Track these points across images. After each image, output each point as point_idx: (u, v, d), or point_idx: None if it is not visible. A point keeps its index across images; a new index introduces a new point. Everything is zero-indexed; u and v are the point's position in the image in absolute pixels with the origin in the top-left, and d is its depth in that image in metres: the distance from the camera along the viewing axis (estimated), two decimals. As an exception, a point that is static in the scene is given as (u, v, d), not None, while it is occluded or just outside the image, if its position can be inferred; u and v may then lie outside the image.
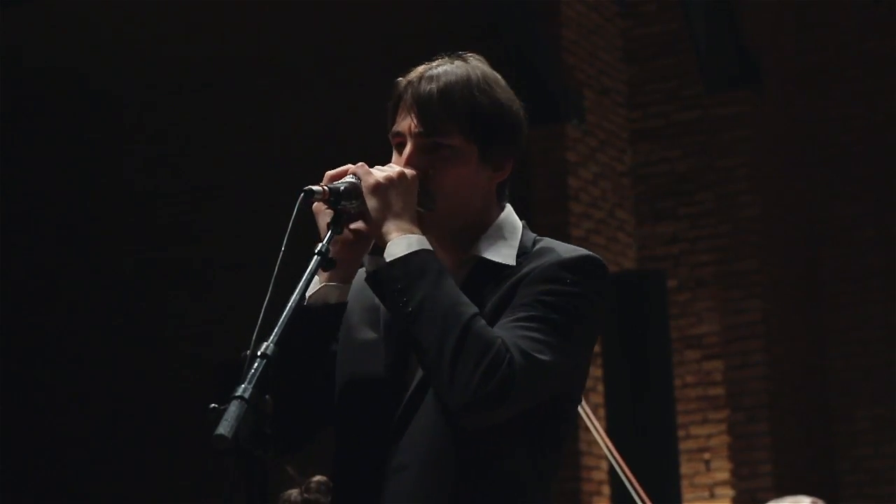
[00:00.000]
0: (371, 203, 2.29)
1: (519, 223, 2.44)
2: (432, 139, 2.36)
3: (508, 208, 2.45)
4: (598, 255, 2.37)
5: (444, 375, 2.19)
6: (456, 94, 2.36)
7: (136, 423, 10.35)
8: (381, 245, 2.30)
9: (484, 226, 2.40)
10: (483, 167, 2.40)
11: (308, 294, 2.30)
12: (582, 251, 2.35)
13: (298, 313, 2.18)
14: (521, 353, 2.21)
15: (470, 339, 2.19)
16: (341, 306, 2.36)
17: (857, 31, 9.93)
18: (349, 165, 2.35)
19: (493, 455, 2.27)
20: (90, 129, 10.86)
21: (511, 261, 2.36)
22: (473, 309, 2.23)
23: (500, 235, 2.39)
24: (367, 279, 2.31)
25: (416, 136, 2.37)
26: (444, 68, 2.40)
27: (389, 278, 2.25)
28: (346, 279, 2.36)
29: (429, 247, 2.28)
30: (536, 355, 2.22)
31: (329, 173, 2.33)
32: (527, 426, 2.29)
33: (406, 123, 2.38)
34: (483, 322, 2.23)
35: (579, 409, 4.59)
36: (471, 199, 2.39)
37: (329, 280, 2.34)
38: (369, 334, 2.39)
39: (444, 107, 2.35)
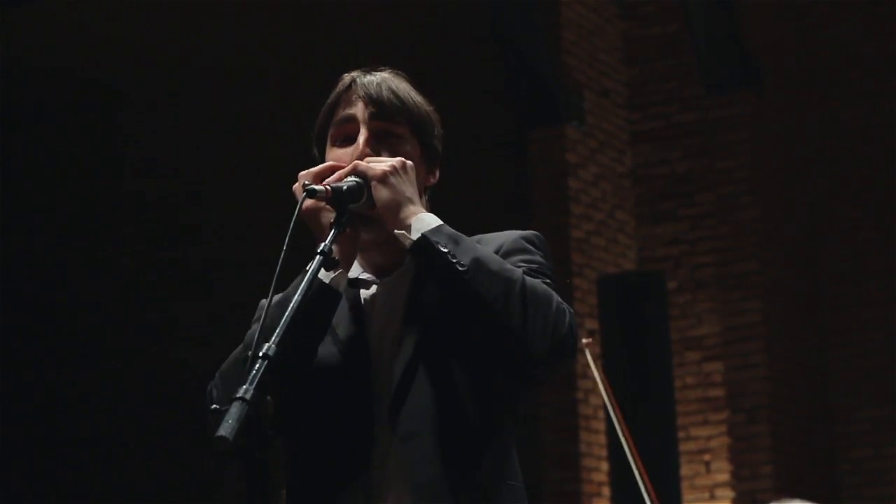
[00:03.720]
0: (382, 193, 2.32)
1: None
2: (385, 124, 2.43)
3: None
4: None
5: (516, 326, 2.24)
6: (402, 91, 2.45)
7: (135, 423, 10.34)
8: (396, 230, 2.33)
9: None
10: (422, 165, 2.48)
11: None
12: (524, 231, 2.47)
13: (320, 302, 2.25)
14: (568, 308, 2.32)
15: (534, 291, 2.27)
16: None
17: (858, 33, 9.93)
18: (330, 163, 2.39)
19: (491, 421, 2.36)
20: (89, 129, 10.85)
21: None
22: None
23: None
24: (411, 248, 2.31)
25: (369, 121, 2.42)
26: (382, 73, 2.49)
27: (436, 243, 2.28)
28: (348, 267, 2.40)
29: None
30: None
31: (305, 173, 2.36)
32: (515, 395, 2.41)
33: (357, 108, 2.43)
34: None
35: (591, 364, 4.59)
36: (416, 193, 2.44)
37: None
38: None
39: (395, 97, 2.44)
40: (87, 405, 10.56)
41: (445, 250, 2.27)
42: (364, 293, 2.44)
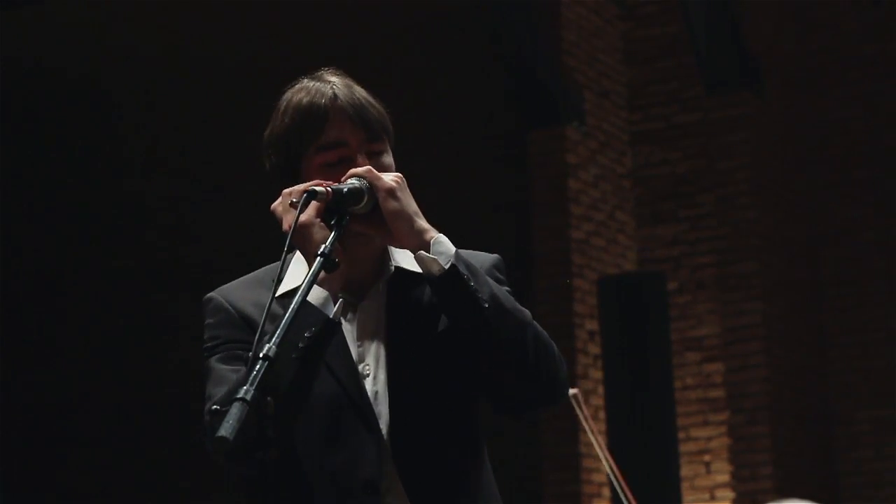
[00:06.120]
0: (392, 206, 2.29)
1: None
2: (374, 145, 2.40)
3: None
4: None
5: (529, 370, 2.30)
6: (375, 104, 2.43)
7: (136, 423, 10.34)
8: (401, 245, 2.32)
9: None
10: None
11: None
12: (491, 254, 2.48)
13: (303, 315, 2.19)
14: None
15: (541, 335, 2.33)
16: None
17: (858, 34, 9.93)
18: (318, 181, 2.32)
19: (477, 441, 2.41)
20: (89, 129, 10.85)
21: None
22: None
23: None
24: (440, 279, 2.28)
25: (363, 144, 2.38)
26: (345, 81, 2.45)
27: (462, 275, 2.28)
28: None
29: None
30: None
31: (288, 191, 2.32)
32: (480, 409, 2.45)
33: (347, 132, 2.38)
34: None
35: (578, 412, 4.60)
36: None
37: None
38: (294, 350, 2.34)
39: (377, 115, 2.41)
40: (86, 405, 10.56)
41: (471, 283, 2.27)
42: (344, 319, 2.37)
